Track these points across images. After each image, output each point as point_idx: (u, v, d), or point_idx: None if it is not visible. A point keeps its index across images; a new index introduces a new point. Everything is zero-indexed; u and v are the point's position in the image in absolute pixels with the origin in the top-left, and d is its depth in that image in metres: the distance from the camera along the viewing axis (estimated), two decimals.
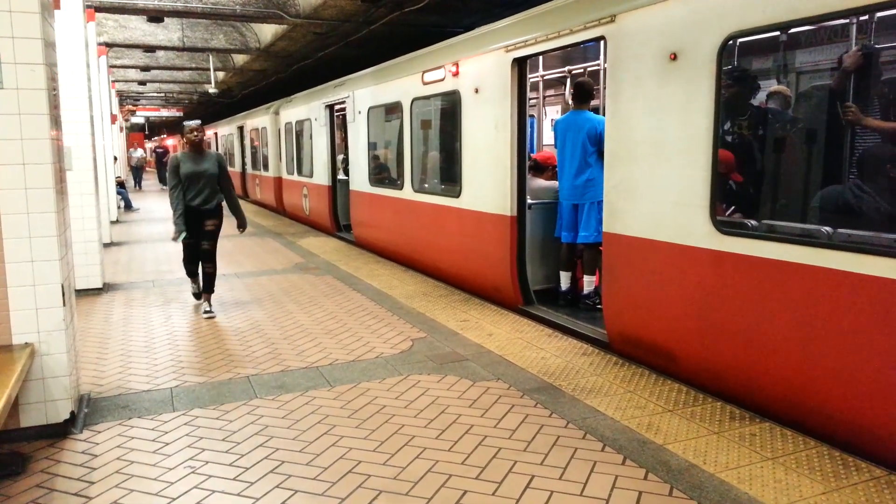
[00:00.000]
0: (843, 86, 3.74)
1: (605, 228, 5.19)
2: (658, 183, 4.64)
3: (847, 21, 3.61)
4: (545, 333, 5.70)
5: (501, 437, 3.73)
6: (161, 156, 30.63)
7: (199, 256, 6.81)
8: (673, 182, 4.51)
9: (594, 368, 4.79)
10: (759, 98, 4.30)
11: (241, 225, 7.15)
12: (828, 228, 3.69)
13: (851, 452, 3.45)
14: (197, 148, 6.79)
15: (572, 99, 6.64)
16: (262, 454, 3.58)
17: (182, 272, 9.06)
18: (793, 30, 3.87)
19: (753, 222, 4.11)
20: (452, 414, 4.06)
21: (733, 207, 4.35)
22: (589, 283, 6.43)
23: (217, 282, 8.35)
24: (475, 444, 3.65)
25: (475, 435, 3.76)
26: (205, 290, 6.86)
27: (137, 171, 28.54)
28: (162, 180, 29.53)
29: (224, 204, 6.97)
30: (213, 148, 30.50)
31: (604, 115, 5.37)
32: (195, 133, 6.83)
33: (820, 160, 4.00)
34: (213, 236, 6.81)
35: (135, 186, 27.57)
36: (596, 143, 6.12)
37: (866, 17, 3.52)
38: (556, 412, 4.04)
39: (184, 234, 6.57)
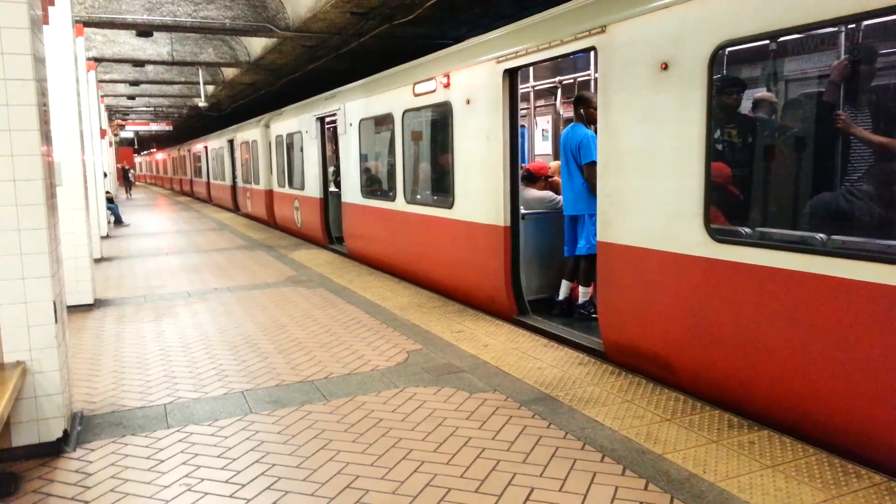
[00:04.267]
0: (833, 93, 3.77)
1: (598, 237, 5.19)
2: (651, 192, 4.65)
3: (836, 29, 3.64)
4: (541, 343, 5.69)
5: (500, 448, 3.71)
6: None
7: None
8: (666, 191, 4.52)
9: (591, 378, 4.78)
10: (750, 106, 4.32)
11: None
12: (822, 235, 3.70)
13: (850, 458, 3.45)
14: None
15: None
16: (258, 470, 3.54)
17: (175, 285, 9.01)
18: (782, 38, 3.90)
19: (748, 230, 4.12)
20: (450, 426, 4.03)
21: (727, 215, 4.36)
22: (584, 293, 6.43)
23: (209, 296, 8.29)
24: (473, 456, 3.62)
25: (473, 447, 3.73)
26: None
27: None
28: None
29: None
30: (204, 163, 28.88)
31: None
32: None
33: (811, 167, 4.02)
34: None
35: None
36: (574, 156, 6.20)
37: (854, 25, 3.55)
38: (554, 423, 4.02)
39: None
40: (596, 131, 6.35)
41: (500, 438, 3.84)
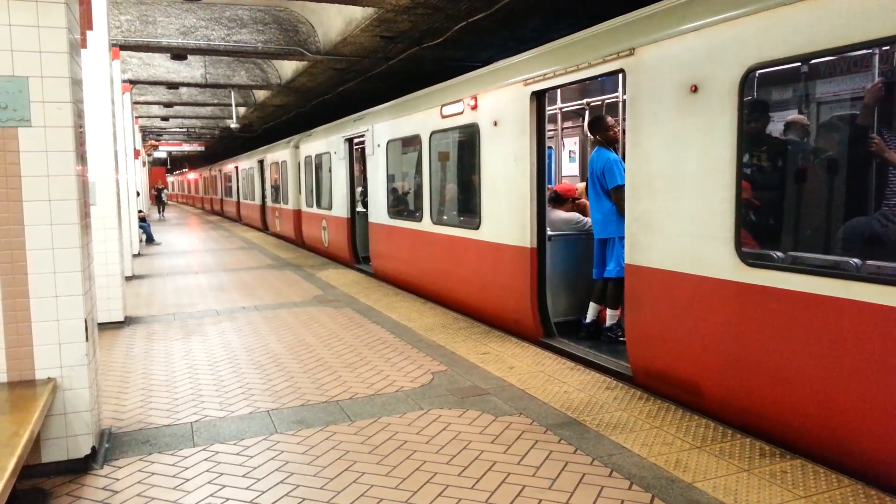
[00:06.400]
0: (867, 116, 3.71)
1: (627, 260, 5.15)
2: (681, 215, 4.60)
3: (870, 52, 3.59)
4: (567, 366, 5.62)
5: (525, 474, 3.66)
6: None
7: None
8: (696, 214, 4.46)
9: (618, 403, 4.71)
10: (781, 129, 4.27)
11: None
12: (856, 260, 3.63)
13: (889, 490, 3.34)
14: None
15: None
16: (282, 491, 3.53)
17: (204, 303, 9.12)
18: (814, 61, 3.85)
19: (780, 254, 4.05)
20: (475, 450, 3.99)
21: (758, 239, 4.29)
22: (612, 316, 6.36)
23: (237, 315, 8.36)
24: (498, 481, 3.58)
25: (498, 472, 3.69)
26: None
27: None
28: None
29: None
30: (234, 183, 29.19)
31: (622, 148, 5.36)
32: None
33: (844, 191, 3.95)
34: None
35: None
36: (600, 180, 6.17)
37: (888, 47, 3.49)
38: (580, 449, 3.96)
39: None
40: (617, 151, 6.36)
41: (525, 463, 3.79)
